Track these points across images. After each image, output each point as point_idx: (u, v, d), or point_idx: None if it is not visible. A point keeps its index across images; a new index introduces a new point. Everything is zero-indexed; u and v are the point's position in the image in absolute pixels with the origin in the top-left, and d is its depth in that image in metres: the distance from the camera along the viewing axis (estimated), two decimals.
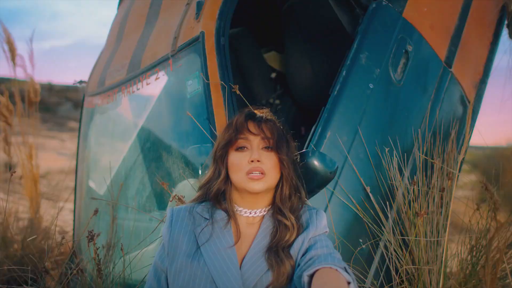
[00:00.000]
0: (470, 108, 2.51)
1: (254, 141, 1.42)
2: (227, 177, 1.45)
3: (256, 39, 3.74)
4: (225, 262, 1.37)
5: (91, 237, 1.56)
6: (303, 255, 1.38)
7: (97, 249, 1.77)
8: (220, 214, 1.46)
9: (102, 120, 3.28)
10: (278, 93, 3.86)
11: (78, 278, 1.83)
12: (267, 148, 1.43)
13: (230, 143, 1.43)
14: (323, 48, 3.26)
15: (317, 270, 1.25)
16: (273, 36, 3.91)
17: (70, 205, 4.53)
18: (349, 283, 1.21)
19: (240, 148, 1.43)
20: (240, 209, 1.46)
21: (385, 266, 2.08)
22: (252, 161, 1.40)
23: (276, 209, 1.45)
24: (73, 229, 3.73)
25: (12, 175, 1.72)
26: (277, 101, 3.83)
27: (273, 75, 3.88)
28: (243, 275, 1.36)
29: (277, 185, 1.46)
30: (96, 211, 1.57)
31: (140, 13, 2.98)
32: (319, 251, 1.36)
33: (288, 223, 1.41)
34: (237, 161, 1.41)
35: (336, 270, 1.24)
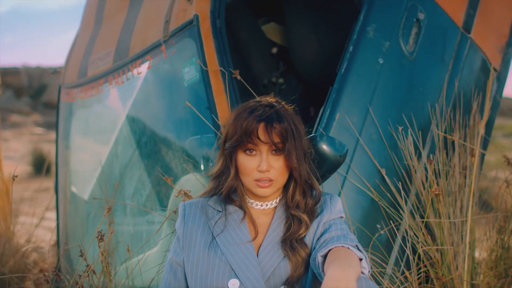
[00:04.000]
0: (491, 74, 2.75)
1: (264, 147, 1.67)
2: (237, 174, 1.74)
3: (252, 9, 3.90)
4: (243, 252, 1.68)
5: (101, 238, 1.88)
6: (318, 239, 1.69)
7: (104, 251, 2.09)
8: (233, 207, 1.76)
9: (86, 114, 3.53)
10: (281, 71, 4.02)
11: (88, 280, 2.15)
12: (276, 151, 1.68)
13: (238, 146, 1.69)
14: (329, 17, 3.45)
15: (330, 250, 1.56)
16: (271, 4, 4.05)
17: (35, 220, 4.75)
18: (360, 259, 1.52)
19: (249, 150, 1.69)
20: (251, 201, 1.77)
21: (406, 253, 2.35)
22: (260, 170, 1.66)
23: (289, 203, 1.75)
24: (57, 239, 4.02)
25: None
26: (281, 80, 3.99)
27: (274, 50, 4.03)
28: (260, 263, 1.67)
29: (287, 182, 1.75)
30: (109, 209, 1.88)
31: None
32: (333, 233, 1.67)
33: (302, 217, 1.71)
34: (246, 164, 1.69)
35: (348, 248, 1.54)
